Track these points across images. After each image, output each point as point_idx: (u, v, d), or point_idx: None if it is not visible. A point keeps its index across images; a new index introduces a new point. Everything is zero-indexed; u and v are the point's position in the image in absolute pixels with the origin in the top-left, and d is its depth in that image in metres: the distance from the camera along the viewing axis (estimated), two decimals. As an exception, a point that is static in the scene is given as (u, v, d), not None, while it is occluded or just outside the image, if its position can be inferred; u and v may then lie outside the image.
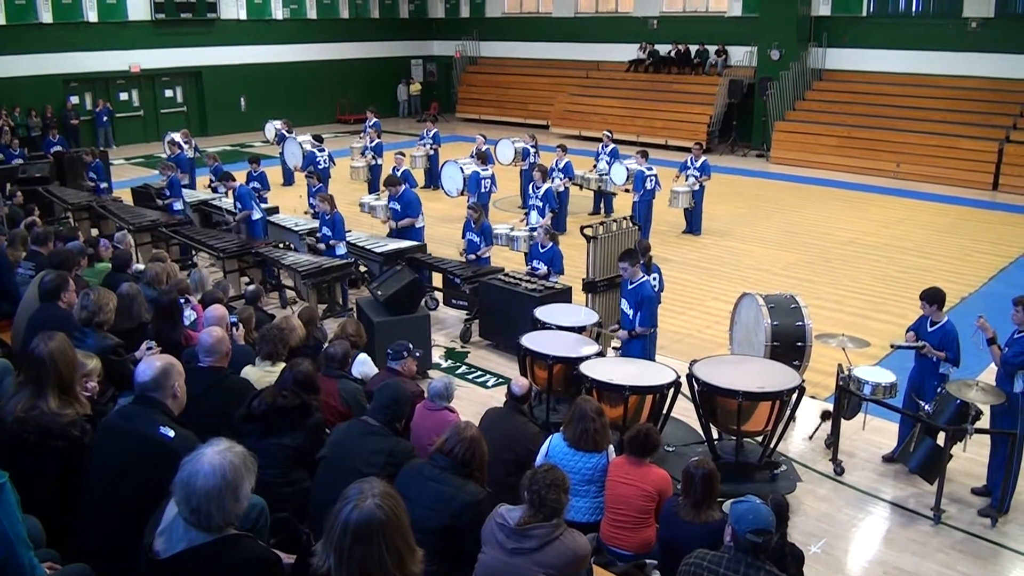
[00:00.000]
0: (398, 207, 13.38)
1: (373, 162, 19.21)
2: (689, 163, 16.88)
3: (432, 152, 21.07)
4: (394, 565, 2.96)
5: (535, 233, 12.45)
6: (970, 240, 16.43)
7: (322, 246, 12.09)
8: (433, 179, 20.32)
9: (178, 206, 14.91)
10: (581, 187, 17.83)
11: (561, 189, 16.42)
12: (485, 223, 12.61)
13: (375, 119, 22.03)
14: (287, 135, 20.85)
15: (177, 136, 19.60)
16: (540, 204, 14.55)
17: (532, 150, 18.62)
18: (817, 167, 23.23)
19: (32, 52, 25.31)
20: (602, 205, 18.32)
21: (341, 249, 12.07)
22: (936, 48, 23.86)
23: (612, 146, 18.31)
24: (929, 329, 7.95)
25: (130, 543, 3.50)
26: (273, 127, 22.83)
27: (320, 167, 17.80)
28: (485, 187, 16.28)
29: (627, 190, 16.40)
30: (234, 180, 14.04)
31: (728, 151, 26.34)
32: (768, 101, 25.82)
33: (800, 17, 25.77)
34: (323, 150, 18.70)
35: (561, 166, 16.72)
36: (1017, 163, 21.27)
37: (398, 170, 15.54)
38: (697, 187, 16.64)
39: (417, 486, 4.16)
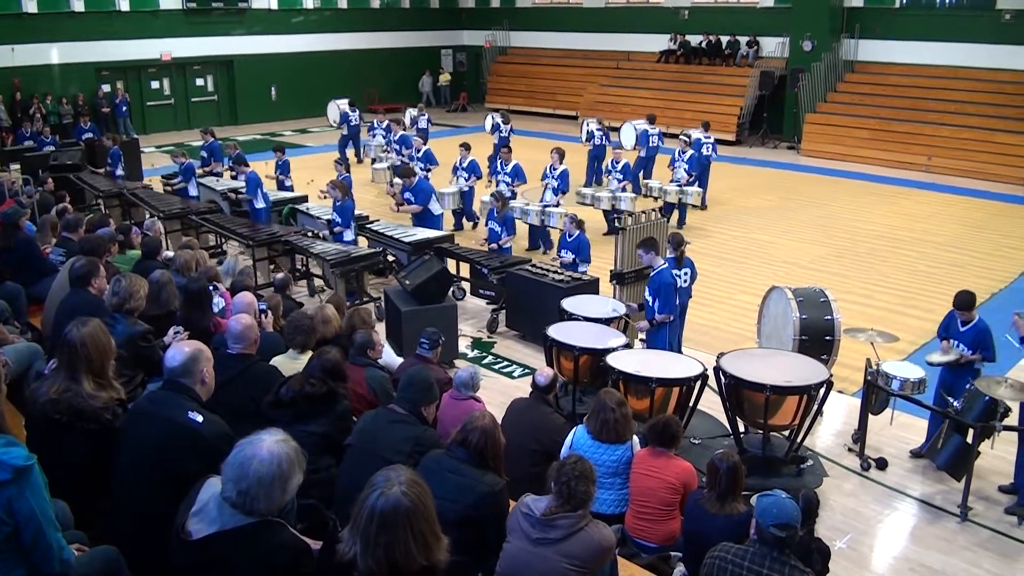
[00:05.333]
0: (412, 197, 13.50)
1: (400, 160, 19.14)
2: (677, 155, 16.85)
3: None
4: (420, 552, 2.98)
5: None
6: (1001, 235, 16.22)
7: (327, 232, 12.29)
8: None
9: (193, 191, 15.22)
10: (657, 198, 16.36)
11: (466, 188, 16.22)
12: (507, 213, 12.68)
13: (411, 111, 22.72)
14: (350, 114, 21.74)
15: (343, 104, 21.63)
16: (556, 183, 14.82)
17: (599, 133, 19.58)
18: (848, 160, 23.04)
19: (64, 40, 25.63)
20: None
21: (348, 236, 12.23)
22: (969, 40, 23.58)
23: (691, 152, 16.84)
24: (961, 329, 7.87)
25: (158, 526, 3.55)
26: (337, 108, 23.20)
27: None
28: (653, 142, 18.45)
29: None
30: (247, 166, 14.17)
31: (759, 143, 26.17)
32: (799, 93, 25.61)
33: (832, 8, 25.55)
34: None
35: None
36: (1052, 158, 20.97)
37: (464, 160, 15.98)
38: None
39: (436, 478, 4.17)
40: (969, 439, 7.23)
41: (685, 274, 9.77)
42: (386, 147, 20.10)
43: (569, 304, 9.18)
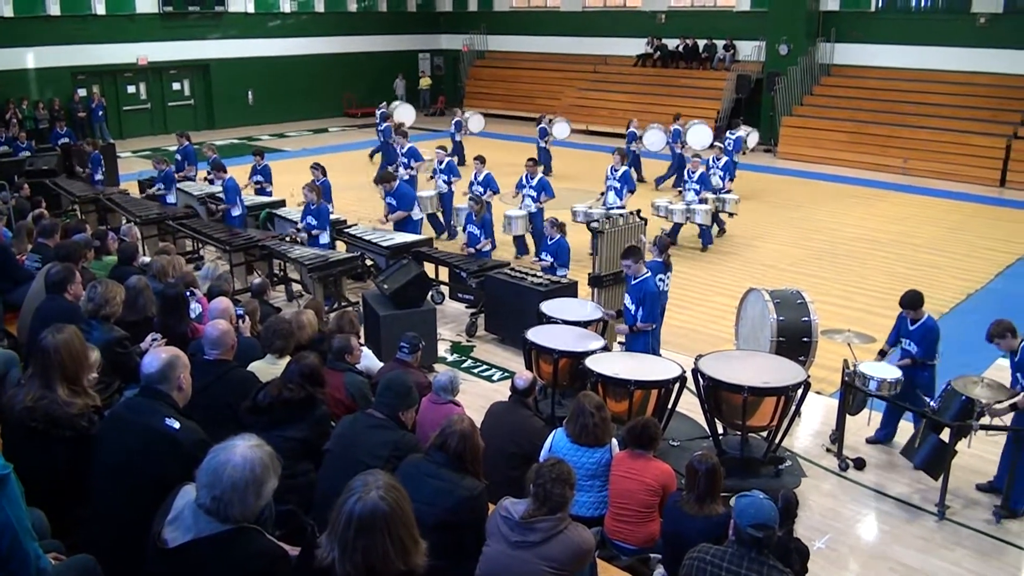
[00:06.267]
0: (394, 202, 13.44)
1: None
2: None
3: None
4: (398, 556, 2.99)
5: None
6: (977, 236, 16.37)
7: (304, 236, 12.23)
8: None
9: (171, 199, 15.16)
10: (667, 218, 15.42)
11: (445, 190, 15.57)
12: (486, 216, 12.69)
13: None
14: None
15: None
16: (618, 185, 14.72)
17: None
18: (825, 162, 23.19)
19: (40, 44, 25.46)
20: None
21: (324, 239, 12.20)
22: (945, 44, 23.82)
23: (701, 171, 16.00)
24: (911, 327, 8.09)
25: (135, 534, 3.53)
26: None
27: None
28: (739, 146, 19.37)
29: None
30: (225, 172, 14.13)
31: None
32: (776, 96, 25.79)
33: (809, 12, 25.74)
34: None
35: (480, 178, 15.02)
36: (1025, 159, 21.21)
37: (442, 163, 15.82)
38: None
39: (415, 482, 4.16)
40: (946, 438, 7.29)
41: (669, 277, 9.83)
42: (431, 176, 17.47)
43: (548, 307, 9.19)
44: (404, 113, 24.98)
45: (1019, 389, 7.21)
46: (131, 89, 28.47)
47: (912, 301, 8.14)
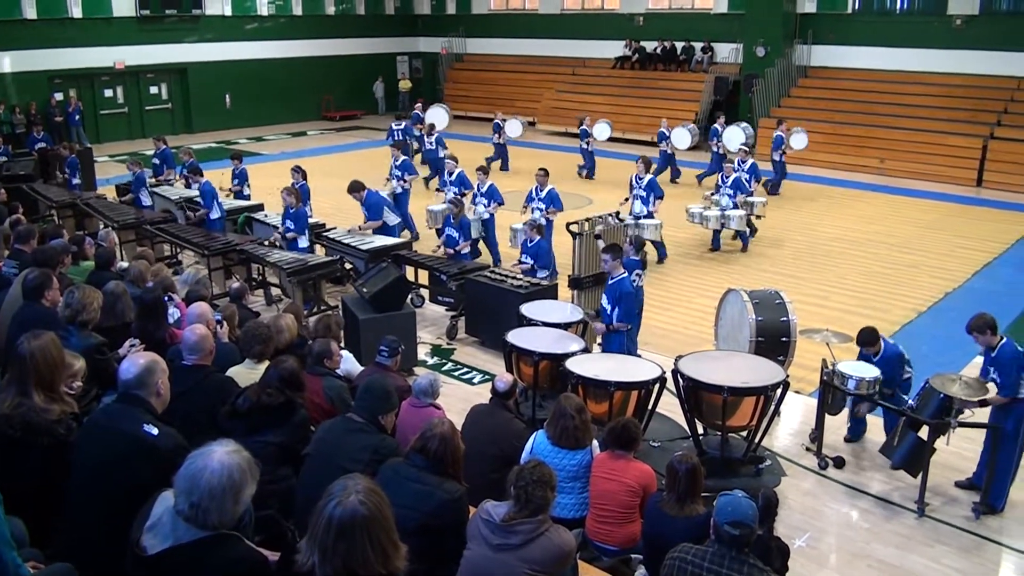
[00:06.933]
0: (366, 212, 13.44)
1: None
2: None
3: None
4: (378, 561, 2.98)
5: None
6: (954, 236, 16.51)
7: (278, 236, 12.19)
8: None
9: (146, 201, 15.15)
10: (703, 225, 15.37)
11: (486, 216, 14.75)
12: (464, 218, 12.66)
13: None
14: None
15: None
16: (644, 194, 14.29)
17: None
18: (803, 163, 23.24)
19: (16, 48, 25.26)
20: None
21: (303, 243, 12.17)
22: (921, 45, 24.03)
23: (735, 176, 15.62)
24: (875, 360, 8.10)
25: (114, 541, 3.50)
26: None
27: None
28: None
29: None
30: (201, 176, 14.07)
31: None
32: (754, 98, 25.90)
33: (785, 14, 25.90)
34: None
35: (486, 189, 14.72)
36: (1001, 159, 21.45)
37: (396, 161, 16.07)
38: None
39: (395, 486, 4.16)
40: (924, 436, 7.35)
41: (644, 275, 9.88)
42: (440, 188, 16.89)
43: (528, 309, 9.19)
44: (436, 115, 24.31)
45: (990, 382, 7.30)
46: (108, 93, 28.29)
47: (866, 339, 8.17)
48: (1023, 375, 7.15)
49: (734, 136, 20.41)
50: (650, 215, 14.19)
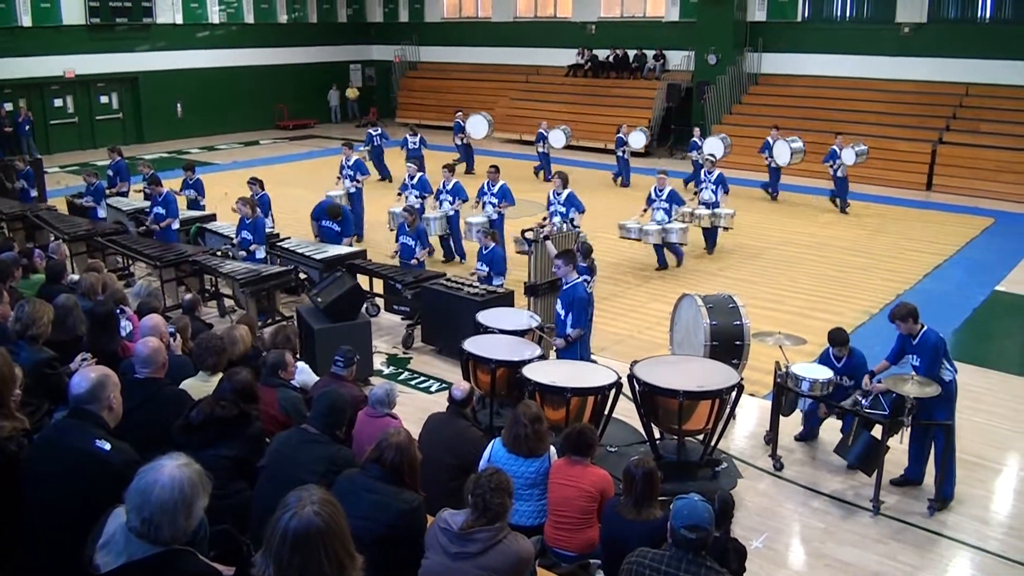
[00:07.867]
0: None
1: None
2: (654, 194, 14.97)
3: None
4: (334, 572, 2.96)
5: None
6: (904, 239, 16.80)
7: (242, 252, 12.04)
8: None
9: (101, 213, 15.03)
10: (640, 240, 14.83)
11: (451, 213, 14.90)
12: (419, 226, 12.64)
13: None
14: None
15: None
16: (563, 209, 13.67)
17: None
18: (754, 169, 23.48)
19: (-37, 57, 24.74)
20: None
21: (260, 254, 12.09)
22: (870, 53, 24.50)
23: (718, 172, 16.29)
24: (838, 365, 8.23)
25: (69, 558, 3.45)
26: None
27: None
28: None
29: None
30: (161, 186, 13.95)
31: (667, 154, 26.58)
32: (706, 105, 26.14)
33: (736, 22, 26.20)
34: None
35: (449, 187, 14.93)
36: (950, 164, 21.91)
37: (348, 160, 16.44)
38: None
39: (352, 497, 4.14)
40: (878, 435, 7.46)
41: (593, 280, 9.94)
42: (400, 191, 16.64)
43: (484, 317, 9.20)
44: (477, 124, 23.86)
45: (910, 371, 7.53)
46: (58, 103, 27.76)
47: (837, 339, 8.31)
48: (942, 360, 7.50)
49: (714, 147, 20.47)
50: (648, 225, 14.54)
